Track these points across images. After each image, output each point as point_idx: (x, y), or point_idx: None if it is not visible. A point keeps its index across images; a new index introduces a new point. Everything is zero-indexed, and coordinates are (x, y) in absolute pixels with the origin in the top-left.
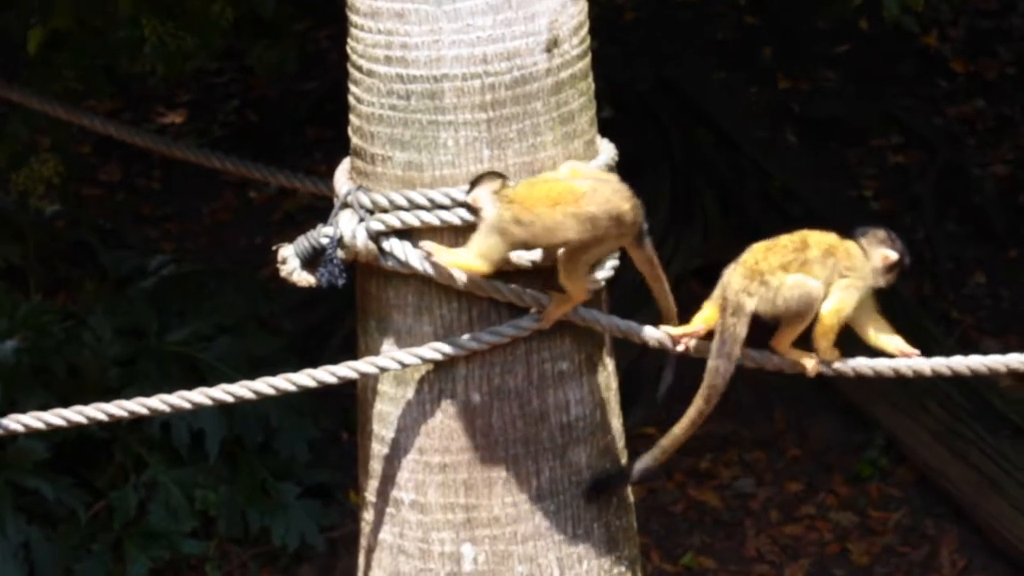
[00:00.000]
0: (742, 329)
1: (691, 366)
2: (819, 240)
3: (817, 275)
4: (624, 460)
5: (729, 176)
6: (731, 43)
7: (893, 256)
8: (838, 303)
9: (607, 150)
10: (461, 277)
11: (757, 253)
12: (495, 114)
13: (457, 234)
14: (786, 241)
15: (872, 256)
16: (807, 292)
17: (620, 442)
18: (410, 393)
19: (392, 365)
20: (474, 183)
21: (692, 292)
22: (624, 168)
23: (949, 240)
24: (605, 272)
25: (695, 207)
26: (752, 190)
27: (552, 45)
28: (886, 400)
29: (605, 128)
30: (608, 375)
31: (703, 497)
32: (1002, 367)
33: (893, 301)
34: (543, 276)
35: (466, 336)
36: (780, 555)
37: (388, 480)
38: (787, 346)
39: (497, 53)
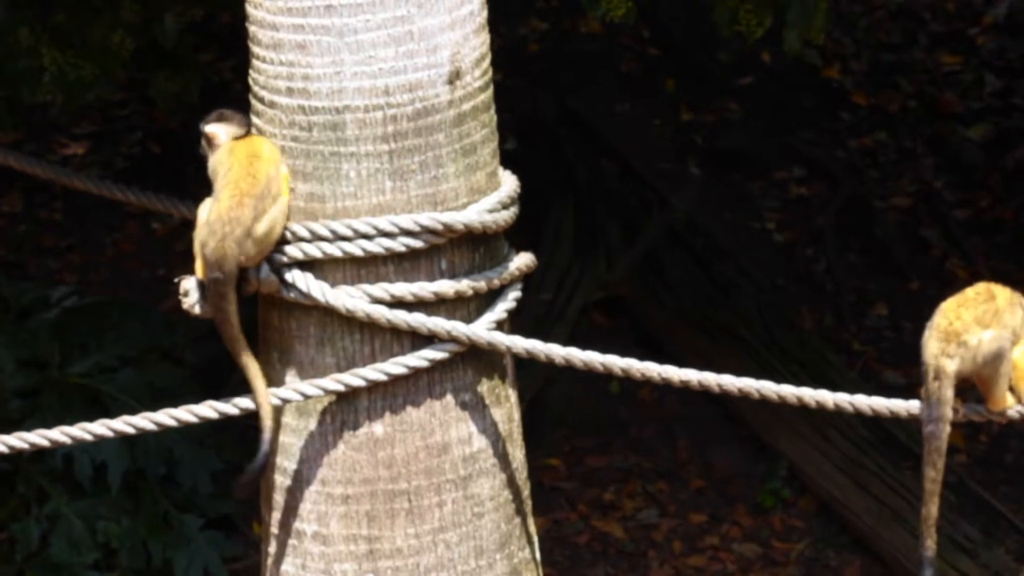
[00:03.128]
0: (948, 391)
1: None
2: (1001, 291)
3: (1007, 324)
4: (527, 492)
5: (632, 208)
6: (635, 75)
7: None
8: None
9: (509, 182)
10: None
11: (949, 314)
12: (397, 146)
13: (359, 266)
14: (972, 295)
15: None
16: (1003, 345)
17: (523, 474)
18: (312, 424)
19: (294, 396)
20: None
21: (595, 324)
22: (528, 200)
23: (851, 272)
24: (508, 303)
25: (598, 239)
26: (655, 222)
27: (454, 77)
28: (789, 430)
29: (509, 160)
30: (511, 406)
31: (607, 528)
32: None
33: (794, 333)
34: (447, 305)
35: (368, 368)
36: None
37: (290, 511)
38: (1004, 403)
39: (399, 85)
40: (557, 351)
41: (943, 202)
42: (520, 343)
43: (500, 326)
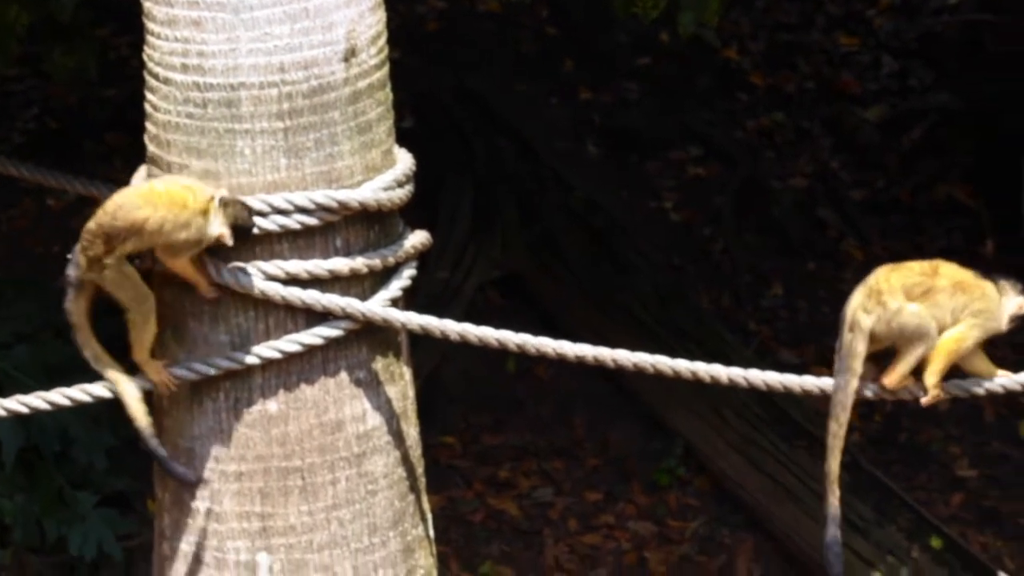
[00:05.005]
0: (860, 345)
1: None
2: (953, 273)
3: (942, 303)
4: (421, 470)
5: (530, 187)
6: (533, 54)
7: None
8: (960, 335)
9: (405, 160)
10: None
11: (879, 274)
12: (292, 123)
13: (253, 243)
14: (915, 265)
15: (1008, 303)
16: (922, 325)
17: (417, 451)
18: (206, 402)
19: (187, 375)
20: None
21: (491, 303)
22: (425, 178)
23: (748, 252)
24: (402, 281)
25: (495, 217)
26: (553, 201)
27: (350, 55)
28: (685, 409)
29: (406, 138)
30: (405, 384)
31: (502, 506)
32: None
33: (691, 312)
34: (342, 282)
35: (262, 345)
36: (578, 564)
37: (184, 489)
38: (898, 379)
39: (294, 62)
40: (451, 327)
41: (839, 183)
42: (415, 319)
43: (395, 303)
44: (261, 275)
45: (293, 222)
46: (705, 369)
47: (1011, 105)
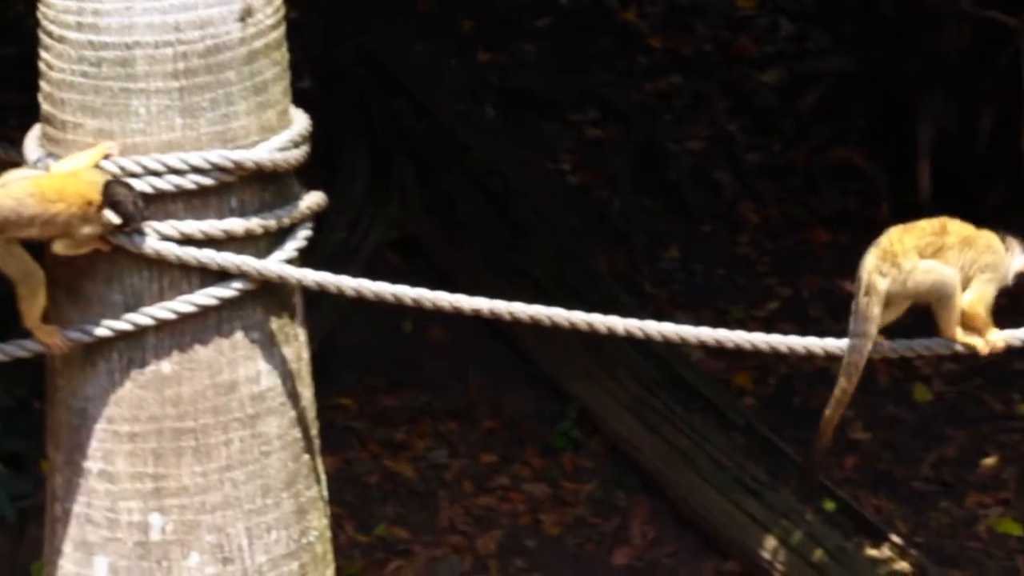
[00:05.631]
0: (876, 308)
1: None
2: (959, 229)
3: (952, 263)
4: (315, 431)
5: (427, 148)
6: (431, 15)
7: None
8: (978, 295)
9: (301, 120)
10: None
11: (892, 235)
12: (187, 83)
13: (148, 203)
14: (924, 224)
15: (1015, 259)
16: (940, 279)
17: (312, 413)
18: (99, 362)
19: (81, 337)
20: None
21: (390, 263)
22: (322, 139)
23: (644, 214)
24: (297, 242)
25: (393, 178)
26: (450, 162)
27: (246, 15)
28: (580, 371)
29: (304, 99)
30: (300, 345)
31: (397, 468)
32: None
33: (588, 274)
34: (237, 243)
35: (156, 306)
36: (473, 526)
37: (77, 449)
38: (954, 331)
39: (190, 21)
40: (347, 282)
41: (736, 146)
42: (310, 275)
43: (290, 264)
44: (155, 235)
45: (188, 182)
46: (602, 320)
47: (906, 69)
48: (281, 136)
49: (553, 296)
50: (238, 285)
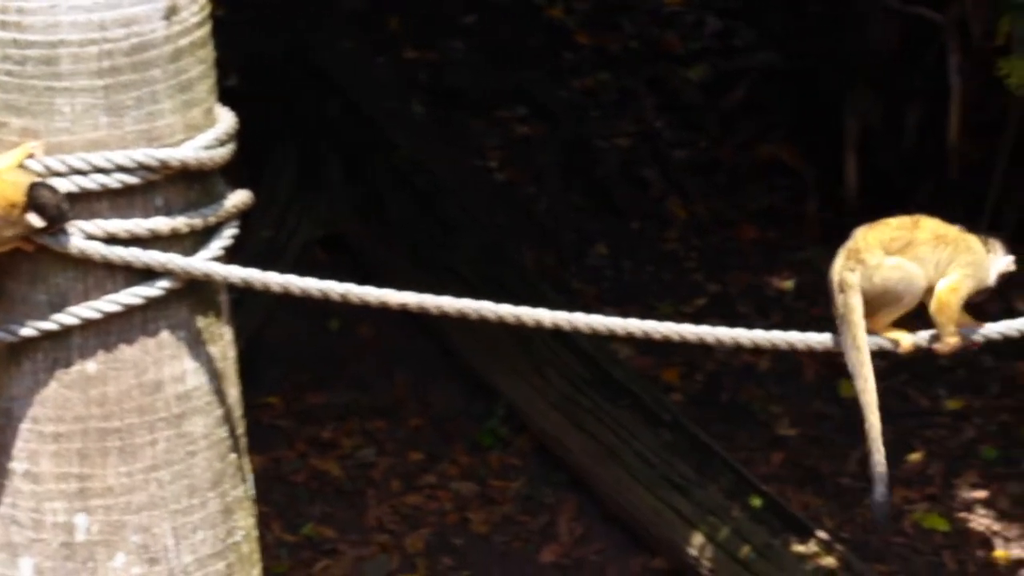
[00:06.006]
0: (854, 299)
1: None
2: (934, 226)
3: (923, 256)
4: (242, 430)
5: (355, 145)
6: (359, 12)
7: (1012, 258)
8: (954, 283)
9: (227, 119)
10: None
11: (857, 234)
12: (112, 81)
13: (73, 201)
14: (892, 220)
15: (997, 260)
16: (906, 276)
17: (238, 412)
18: (24, 362)
19: (5, 336)
20: None
21: (317, 261)
22: (250, 137)
23: (572, 211)
24: (223, 240)
25: (321, 176)
26: (378, 160)
27: (171, 12)
28: (507, 369)
29: (230, 96)
30: (226, 344)
31: (325, 467)
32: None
33: (515, 272)
34: (162, 242)
35: (81, 305)
36: (400, 524)
37: (1, 450)
38: (883, 325)
39: (115, 19)
40: (274, 279)
41: (663, 142)
42: (237, 272)
43: (216, 262)
44: (81, 234)
45: (113, 181)
46: (529, 313)
47: (833, 65)
48: (207, 134)
49: (481, 293)
50: (164, 284)
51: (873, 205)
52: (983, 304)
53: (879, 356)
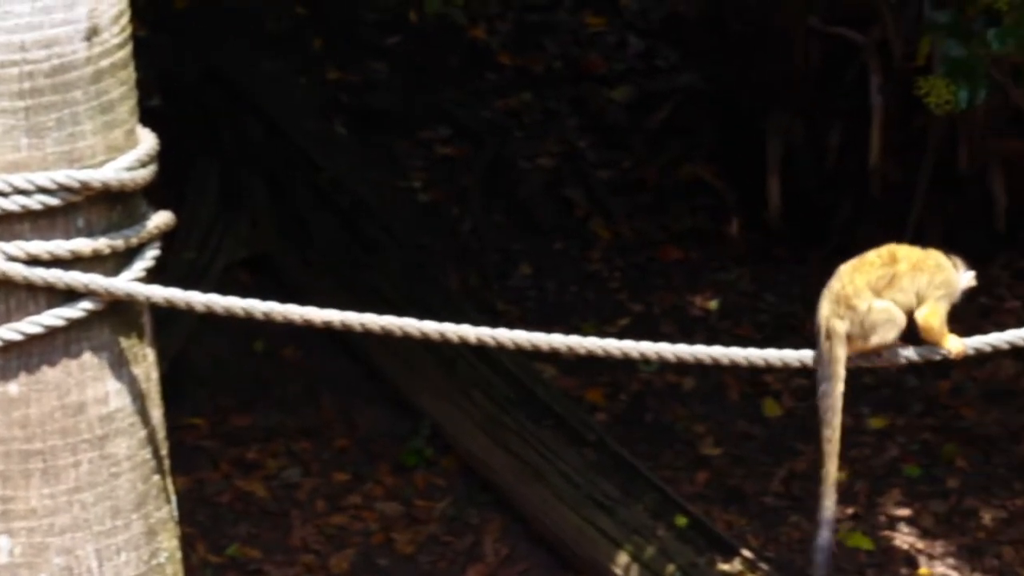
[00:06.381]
0: (839, 350)
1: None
2: (907, 254)
3: (906, 287)
4: (165, 451)
5: (278, 166)
6: (282, 33)
7: (973, 273)
8: (931, 309)
9: (148, 140)
10: None
11: (844, 276)
12: (33, 102)
13: None
14: (873, 258)
15: (962, 276)
16: (892, 317)
17: (162, 433)
18: None
19: None
20: None
21: (240, 283)
22: (172, 158)
23: (496, 231)
24: (146, 262)
25: (243, 197)
26: (301, 181)
27: (92, 34)
28: (432, 389)
29: (153, 118)
30: (149, 366)
31: (250, 488)
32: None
33: (439, 292)
34: (84, 263)
35: (3, 327)
36: (325, 545)
37: None
38: (869, 351)
39: (35, 41)
40: (197, 298)
41: (586, 163)
42: (159, 292)
43: (139, 283)
44: (2, 255)
45: (34, 202)
46: (453, 330)
47: (755, 85)
48: (128, 156)
49: (405, 313)
50: (86, 305)
51: (795, 225)
52: None
53: (802, 375)
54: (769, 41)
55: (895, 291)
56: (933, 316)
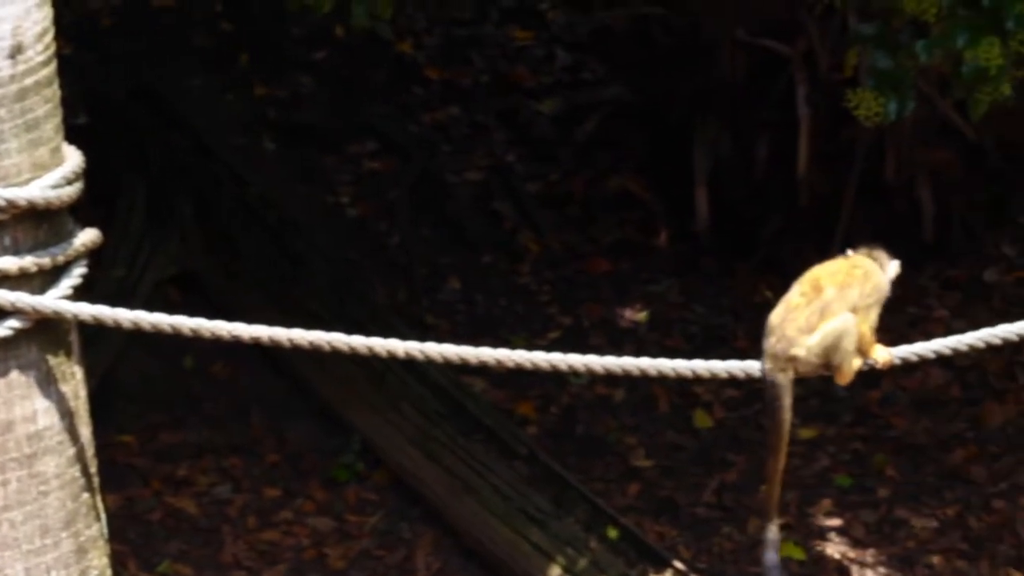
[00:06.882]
0: (786, 400)
1: None
2: (830, 276)
3: (839, 310)
4: (94, 469)
5: (205, 183)
6: (208, 49)
7: (898, 263)
8: (860, 318)
9: (74, 157)
10: None
11: (775, 331)
12: None
13: None
14: (797, 298)
15: (887, 267)
16: (837, 331)
17: (90, 451)
18: None
19: None
20: None
21: (169, 300)
22: (99, 175)
23: (424, 246)
24: (73, 280)
25: (171, 214)
26: (229, 197)
27: (16, 52)
28: (362, 403)
29: (79, 135)
30: (77, 384)
31: (181, 504)
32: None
33: (368, 307)
34: (11, 281)
35: None
36: (257, 561)
37: None
38: (850, 378)
39: None
40: (124, 315)
41: (514, 176)
42: (86, 310)
43: (66, 301)
44: None
45: None
46: (381, 344)
47: (682, 97)
48: (54, 173)
49: (334, 329)
50: (13, 323)
51: (724, 236)
52: None
53: (732, 385)
54: (696, 53)
55: (829, 319)
56: (862, 324)
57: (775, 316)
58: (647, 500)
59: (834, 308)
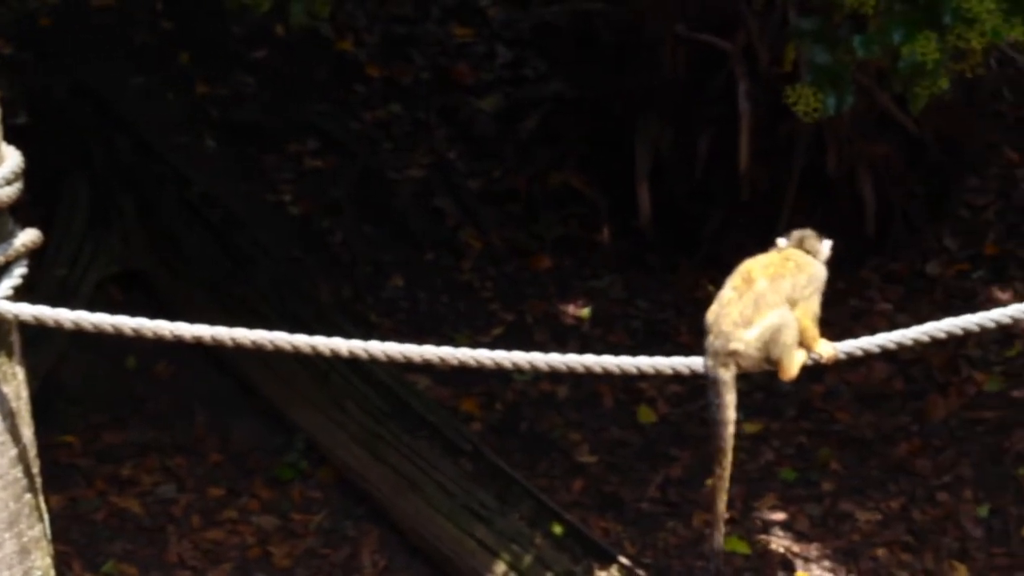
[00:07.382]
0: (728, 397)
1: None
2: (762, 269)
3: (773, 303)
4: (37, 469)
5: (147, 182)
6: (148, 48)
7: (829, 242)
8: (802, 310)
9: (13, 157)
10: None
11: (712, 325)
12: None
13: None
14: (731, 293)
15: (820, 252)
16: (774, 325)
17: (33, 451)
18: None
19: None
20: None
21: (112, 299)
22: (40, 175)
23: (367, 243)
24: (13, 280)
25: (113, 213)
26: (171, 196)
27: None
28: (305, 402)
29: (19, 135)
30: (19, 384)
31: (125, 504)
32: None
33: (311, 305)
34: None
35: None
36: (202, 560)
37: None
38: (794, 373)
39: None
40: (65, 315)
41: (456, 173)
42: (27, 310)
43: (6, 301)
44: None
45: None
46: (324, 343)
47: (623, 93)
48: None
49: (277, 327)
50: None
51: (666, 232)
52: None
53: (676, 381)
54: (637, 49)
55: (763, 309)
56: (805, 317)
57: (710, 313)
58: (592, 496)
59: (769, 300)
